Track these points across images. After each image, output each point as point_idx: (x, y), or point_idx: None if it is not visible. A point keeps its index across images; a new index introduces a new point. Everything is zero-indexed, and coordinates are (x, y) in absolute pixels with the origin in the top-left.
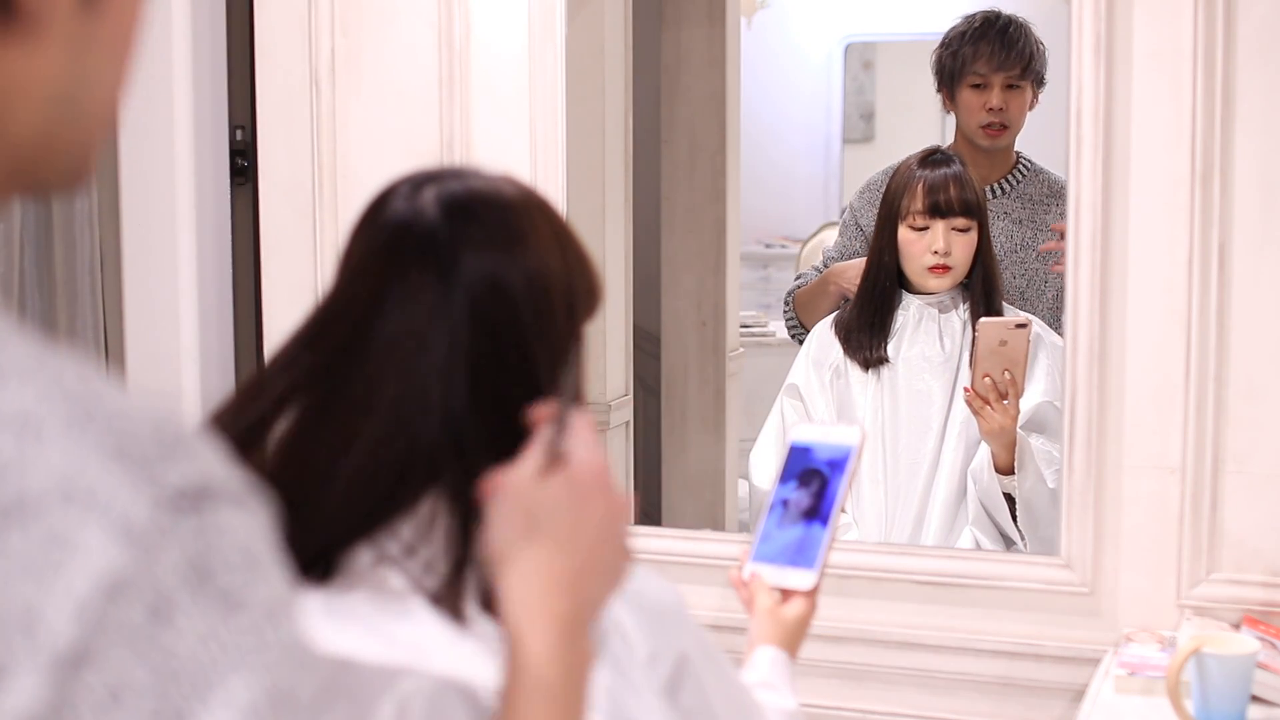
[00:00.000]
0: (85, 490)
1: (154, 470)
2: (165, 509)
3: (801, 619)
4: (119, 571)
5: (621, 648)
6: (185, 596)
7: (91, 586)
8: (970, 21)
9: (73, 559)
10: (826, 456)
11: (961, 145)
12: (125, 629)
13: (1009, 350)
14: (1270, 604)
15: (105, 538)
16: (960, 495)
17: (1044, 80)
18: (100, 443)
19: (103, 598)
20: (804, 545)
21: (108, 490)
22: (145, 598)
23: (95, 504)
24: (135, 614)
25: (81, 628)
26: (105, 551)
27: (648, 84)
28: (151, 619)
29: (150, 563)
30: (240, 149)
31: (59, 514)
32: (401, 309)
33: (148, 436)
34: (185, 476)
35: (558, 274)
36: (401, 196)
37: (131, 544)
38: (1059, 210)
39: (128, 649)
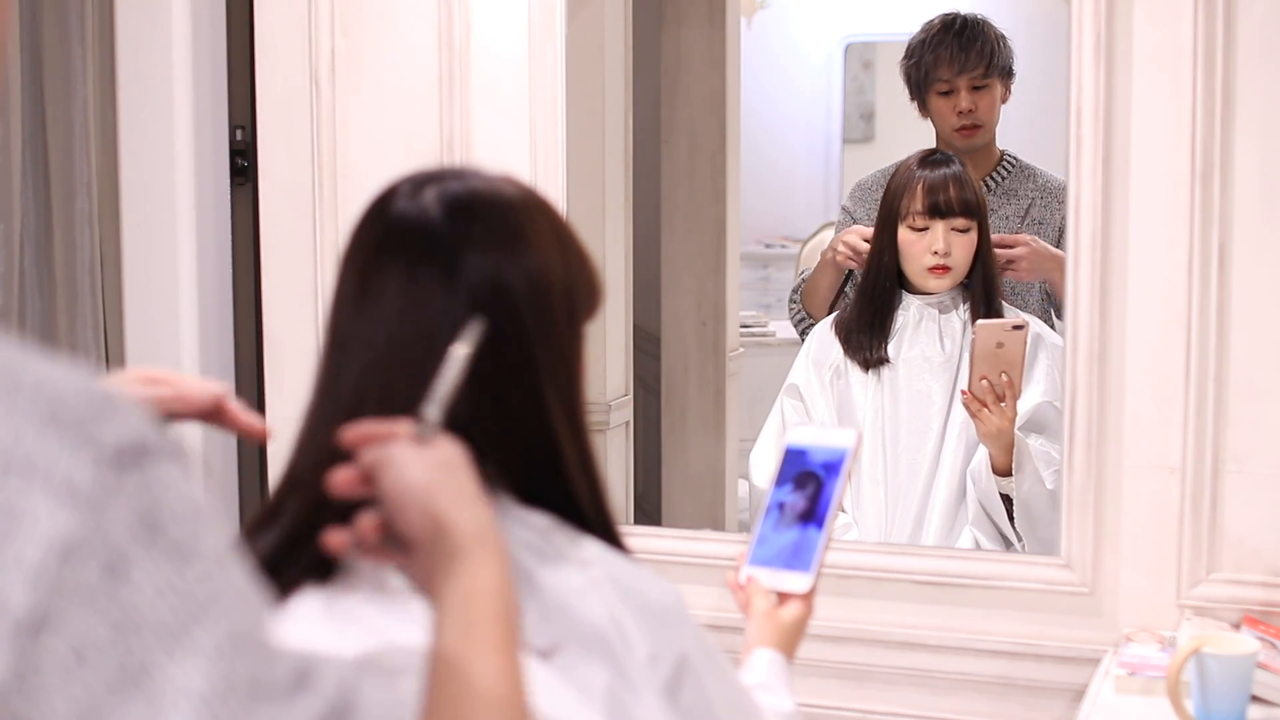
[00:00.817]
0: (23, 459)
1: (89, 431)
2: (107, 467)
3: (798, 621)
4: (69, 534)
5: (621, 648)
6: (139, 551)
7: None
8: (928, 29)
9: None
10: (822, 459)
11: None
12: (82, 589)
13: (1006, 352)
14: (1270, 604)
15: (51, 503)
16: (960, 495)
17: (1013, 72)
18: (31, 411)
19: (56, 561)
20: (800, 548)
21: (46, 456)
22: (99, 556)
23: (35, 471)
24: (90, 573)
25: (36, 593)
26: (53, 516)
27: (648, 84)
28: (108, 577)
29: (100, 521)
30: (240, 149)
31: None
32: (402, 309)
33: (76, 400)
34: (121, 434)
35: (558, 274)
36: (403, 196)
37: (78, 506)
38: (1042, 203)
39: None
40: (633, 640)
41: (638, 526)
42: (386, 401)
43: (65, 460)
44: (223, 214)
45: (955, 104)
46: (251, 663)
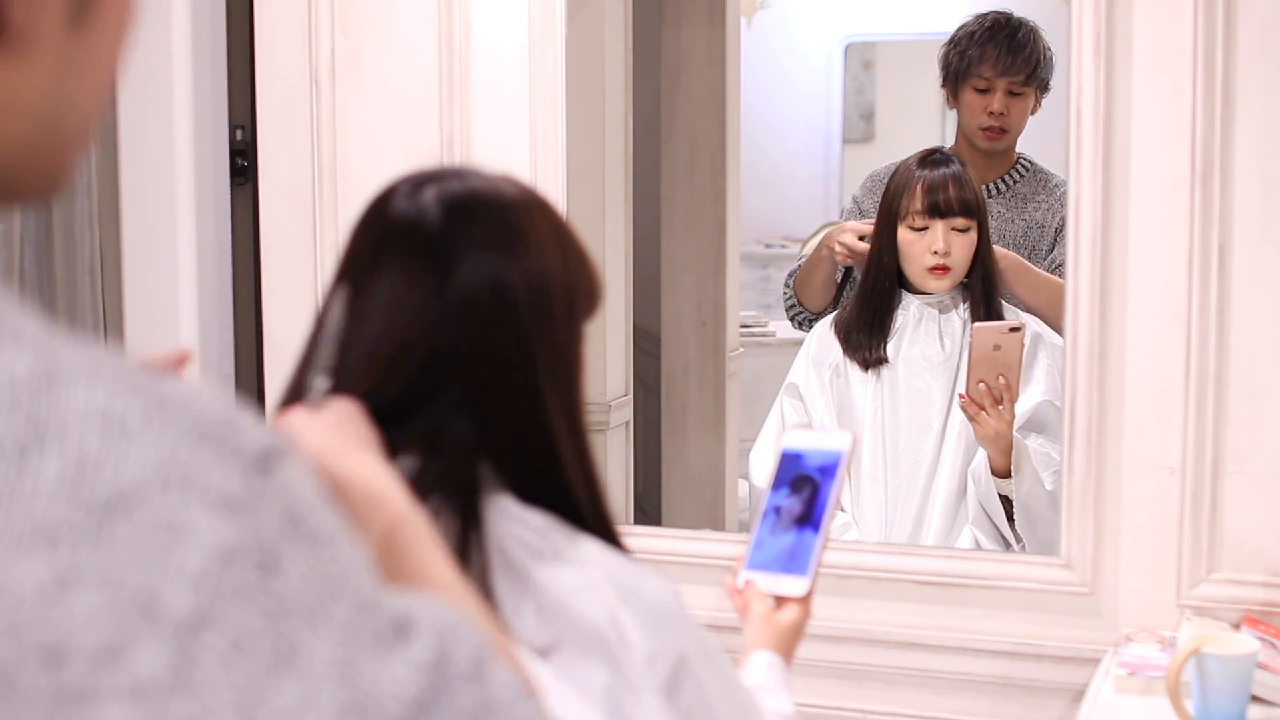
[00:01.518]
0: (181, 474)
1: (232, 443)
2: (254, 474)
3: (796, 624)
4: (228, 541)
5: (620, 647)
6: (287, 545)
7: (205, 560)
8: (981, 22)
9: (181, 539)
10: (818, 462)
11: (961, 144)
12: (240, 588)
13: (1003, 355)
14: (1270, 604)
15: (210, 514)
16: (960, 495)
17: (1048, 87)
18: (180, 429)
19: (218, 566)
20: (796, 552)
21: (201, 470)
22: (254, 557)
23: (193, 485)
24: (248, 574)
25: (199, 597)
26: (213, 526)
27: (648, 84)
28: (261, 573)
29: (255, 525)
30: (240, 149)
31: (159, 501)
32: (402, 308)
33: (213, 414)
34: (256, 442)
35: (558, 274)
36: (402, 196)
37: (234, 514)
38: (1045, 205)
39: (244, 604)
40: (631, 640)
41: (638, 526)
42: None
43: (218, 473)
44: (223, 214)
45: (988, 104)
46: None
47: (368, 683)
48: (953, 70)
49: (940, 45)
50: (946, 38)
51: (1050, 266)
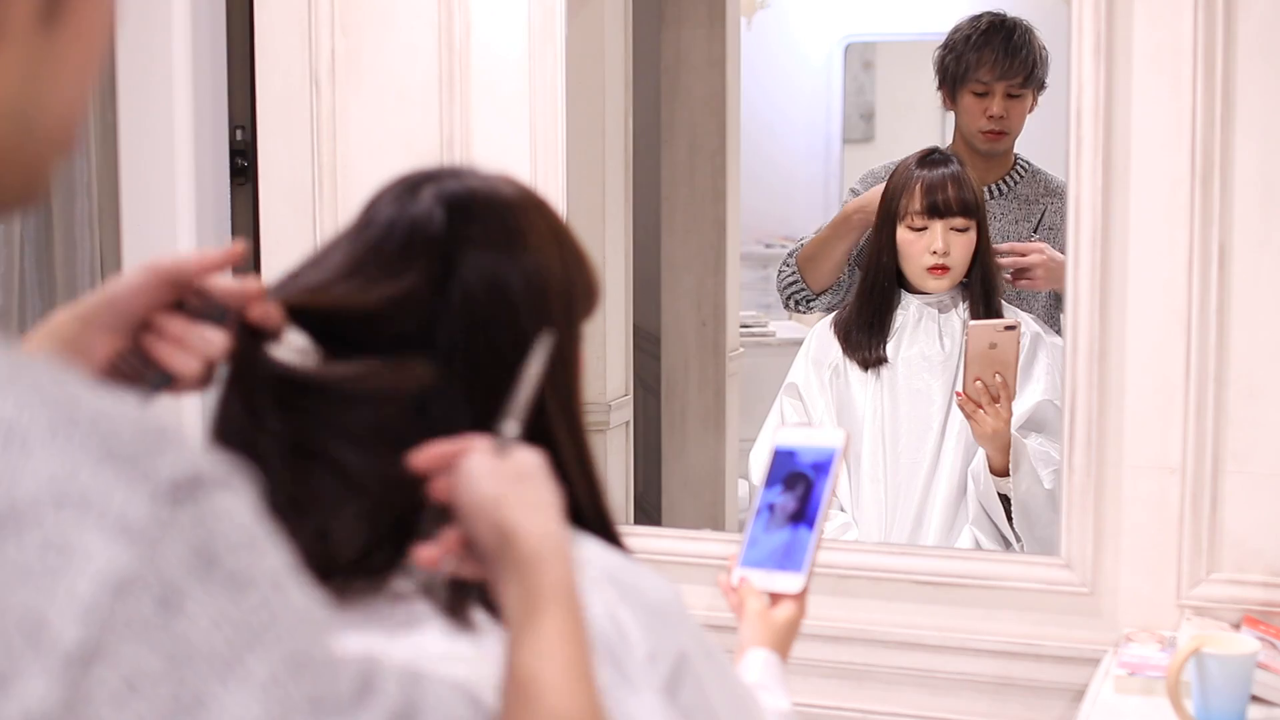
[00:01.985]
0: (78, 495)
1: (144, 466)
2: (163, 502)
3: (791, 621)
4: (123, 570)
5: (620, 646)
6: (194, 584)
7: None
8: (975, 25)
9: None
10: (811, 460)
11: (960, 146)
12: (135, 623)
13: (999, 353)
14: (1270, 604)
15: (104, 538)
16: (960, 494)
17: (1045, 86)
18: (87, 446)
19: (109, 596)
20: (791, 549)
21: (101, 492)
22: (153, 591)
23: (90, 507)
24: (144, 608)
25: (88, 628)
26: (105, 552)
27: (648, 84)
28: (161, 610)
29: (154, 556)
30: (240, 149)
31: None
32: (400, 308)
33: (131, 434)
34: (175, 468)
35: (556, 274)
36: (400, 195)
37: (132, 541)
38: (1054, 209)
39: (140, 641)
40: (631, 639)
41: (638, 526)
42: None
43: (120, 495)
44: (223, 214)
45: (987, 107)
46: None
47: None
48: (949, 75)
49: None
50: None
51: None
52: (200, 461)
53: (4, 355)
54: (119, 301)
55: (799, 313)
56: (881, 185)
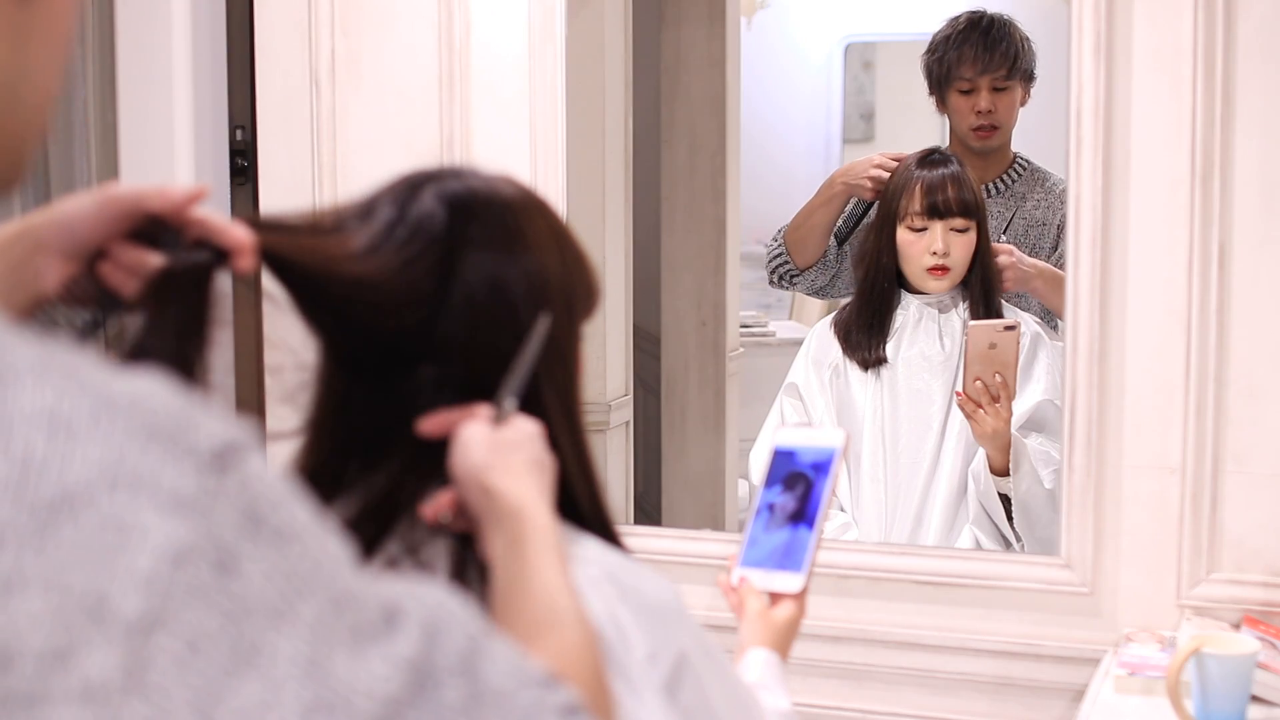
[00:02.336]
0: (130, 475)
1: (185, 441)
2: (208, 473)
3: (791, 621)
4: (181, 541)
5: (620, 646)
6: (246, 545)
7: (156, 561)
8: (954, 25)
9: (130, 541)
10: (811, 459)
11: (956, 147)
12: (195, 589)
13: (999, 353)
14: (1270, 604)
15: (160, 514)
16: (960, 494)
17: (1034, 76)
18: (130, 428)
19: (169, 568)
20: (791, 549)
21: (151, 470)
22: (209, 557)
23: (142, 485)
24: (203, 574)
25: (150, 599)
26: (162, 527)
27: (648, 84)
28: (219, 573)
29: (209, 525)
30: (240, 149)
31: (107, 501)
32: (402, 297)
33: (167, 412)
34: (212, 438)
35: (556, 274)
36: (401, 195)
37: (186, 514)
38: (1045, 203)
39: (199, 605)
40: (632, 639)
41: (638, 526)
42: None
43: (169, 471)
44: (223, 214)
45: (975, 103)
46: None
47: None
48: (935, 77)
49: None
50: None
51: (1054, 262)
52: (229, 430)
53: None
54: (75, 228)
55: (783, 288)
56: (888, 154)
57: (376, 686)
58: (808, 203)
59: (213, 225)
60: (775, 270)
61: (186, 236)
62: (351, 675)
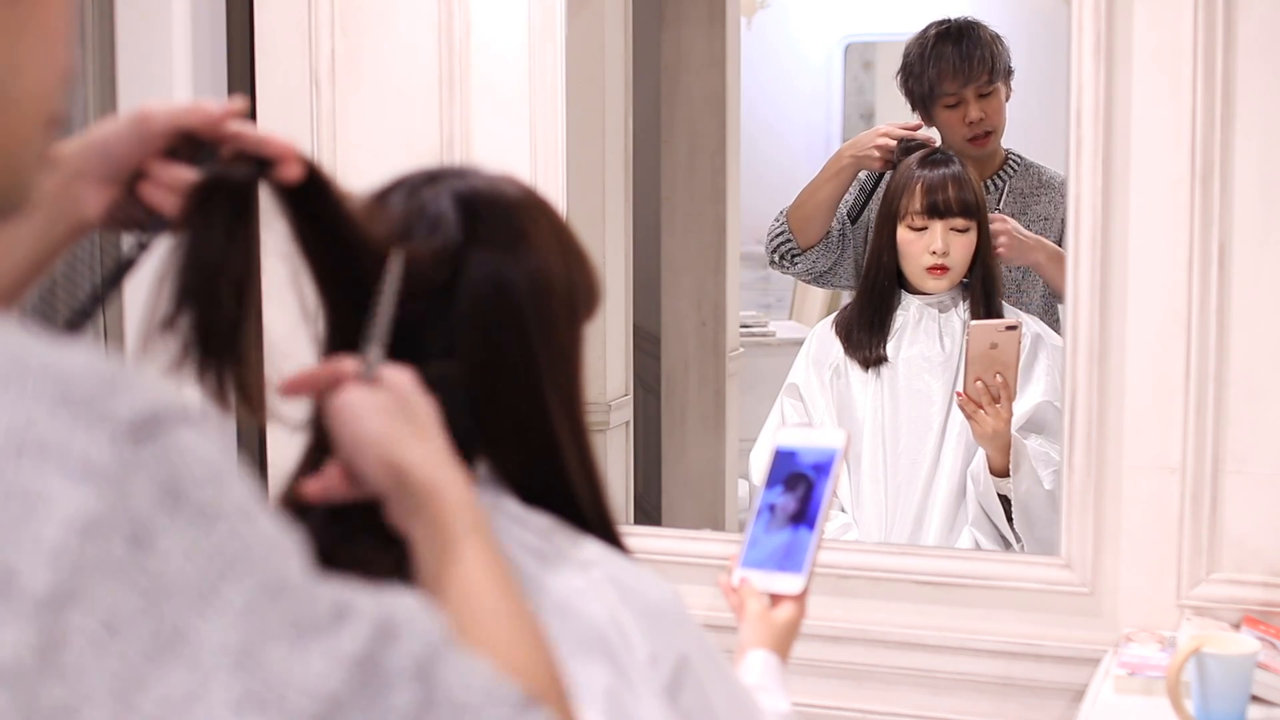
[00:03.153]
0: (36, 442)
1: (102, 408)
2: (124, 442)
3: (791, 622)
4: (90, 511)
5: (622, 648)
6: (163, 519)
7: (63, 532)
8: (923, 41)
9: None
10: (812, 460)
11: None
12: (107, 563)
13: (1000, 353)
14: (1270, 604)
15: (68, 483)
16: (960, 495)
17: (1012, 71)
18: (40, 394)
19: (77, 539)
20: (791, 550)
21: (61, 437)
22: (122, 530)
23: (50, 453)
24: (115, 547)
25: (58, 572)
26: (70, 496)
27: (648, 84)
28: (133, 548)
29: (121, 496)
30: None
31: (11, 469)
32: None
33: (86, 378)
34: (134, 407)
35: (559, 274)
36: (407, 194)
37: (97, 483)
38: (1046, 199)
39: (114, 581)
40: (633, 641)
41: (638, 526)
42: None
43: (80, 439)
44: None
45: (964, 115)
46: (289, 606)
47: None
48: (918, 97)
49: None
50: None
51: None
52: (159, 399)
53: None
54: (111, 151)
55: (783, 270)
56: (898, 124)
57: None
58: (814, 178)
59: (253, 137)
60: (777, 249)
61: (225, 152)
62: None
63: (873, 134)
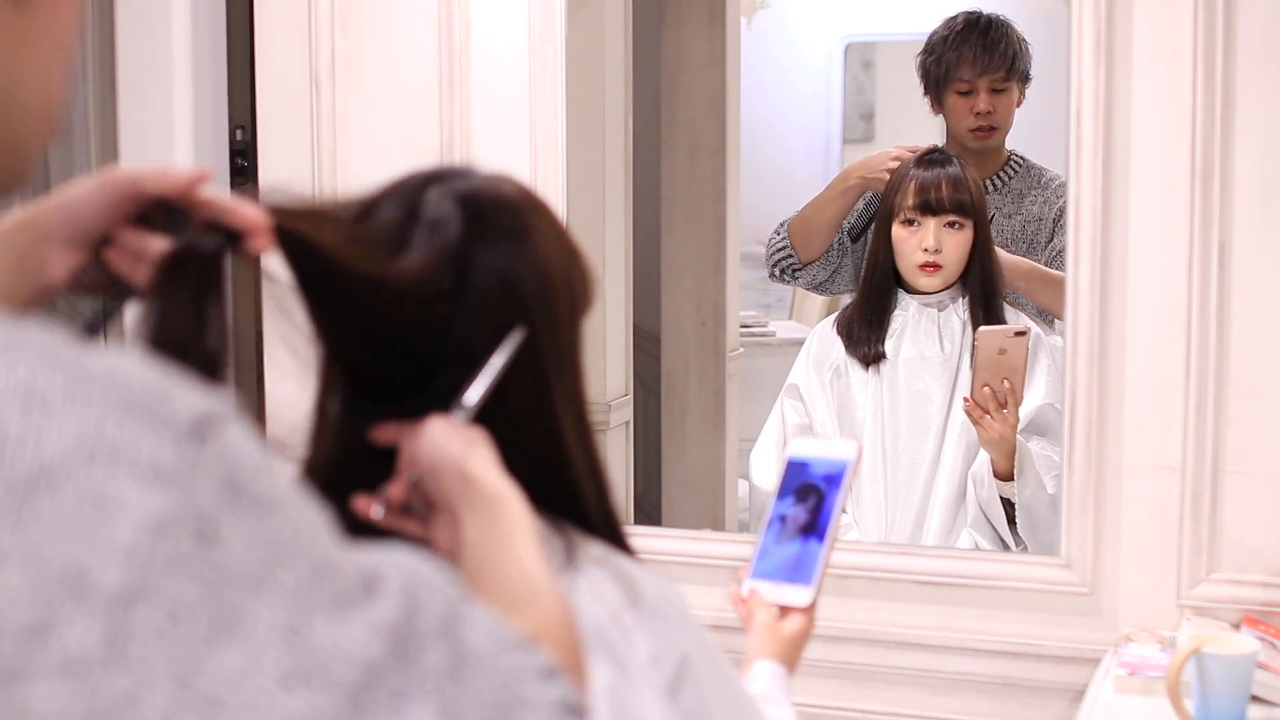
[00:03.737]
0: (107, 447)
1: (163, 413)
2: (186, 443)
3: (800, 634)
4: (160, 512)
5: (624, 648)
6: (226, 514)
7: (136, 532)
8: (951, 25)
9: (109, 513)
10: (823, 471)
11: (953, 147)
12: (176, 559)
13: (1008, 359)
14: (1270, 604)
15: (138, 486)
16: (960, 496)
17: (1029, 77)
18: (106, 401)
19: (149, 539)
20: (801, 561)
21: (129, 442)
22: (190, 527)
23: (120, 458)
24: (183, 544)
25: (130, 571)
26: (141, 498)
27: (648, 84)
28: (199, 544)
29: (189, 495)
30: (240, 149)
31: (84, 475)
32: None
33: (142, 385)
34: (190, 409)
35: (559, 271)
36: (407, 195)
37: (166, 485)
38: (1041, 199)
39: (180, 575)
40: (635, 641)
41: (638, 526)
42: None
43: (147, 443)
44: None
45: (974, 104)
46: (330, 582)
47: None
48: (932, 78)
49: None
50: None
51: (1050, 255)
52: (207, 399)
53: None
54: (78, 215)
55: (783, 283)
56: (887, 149)
57: (356, 652)
58: (819, 196)
59: (222, 205)
60: (777, 264)
61: (195, 219)
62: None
63: (883, 155)
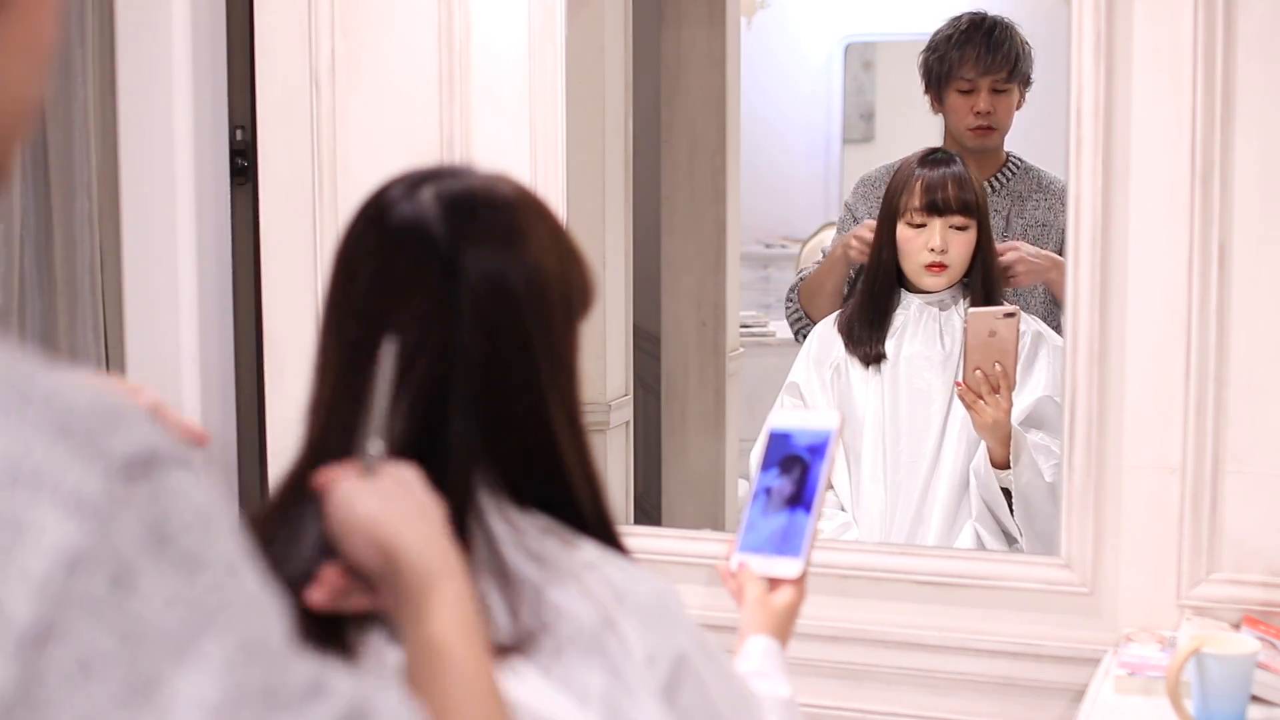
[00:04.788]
0: (31, 471)
1: (99, 443)
2: (117, 479)
3: (791, 606)
4: (76, 545)
5: (618, 650)
6: (147, 562)
7: (49, 563)
8: (956, 24)
9: (24, 540)
10: (806, 442)
11: (951, 146)
12: (88, 600)
13: (999, 341)
14: (1270, 604)
15: (58, 514)
16: (960, 493)
17: (1030, 80)
18: (40, 423)
19: (62, 573)
20: (789, 533)
21: (55, 468)
22: (106, 568)
23: (43, 483)
24: (97, 585)
25: (41, 605)
26: (60, 528)
27: (648, 84)
28: (114, 588)
29: (108, 533)
30: (240, 149)
31: (4, 498)
32: (404, 309)
33: (86, 411)
34: (131, 445)
35: (555, 272)
36: (399, 195)
37: (86, 517)
38: (1045, 204)
39: (93, 619)
40: (630, 642)
41: (638, 526)
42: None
43: (75, 472)
44: (223, 214)
45: (974, 104)
46: (264, 671)
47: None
48: (934, 75)
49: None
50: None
51: None
52: (157, 439)
53: None
54: None
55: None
56: (871, 221)
57: None
58: (817, 270)
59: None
60: (796, 327)
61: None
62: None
63: (858, 228)
